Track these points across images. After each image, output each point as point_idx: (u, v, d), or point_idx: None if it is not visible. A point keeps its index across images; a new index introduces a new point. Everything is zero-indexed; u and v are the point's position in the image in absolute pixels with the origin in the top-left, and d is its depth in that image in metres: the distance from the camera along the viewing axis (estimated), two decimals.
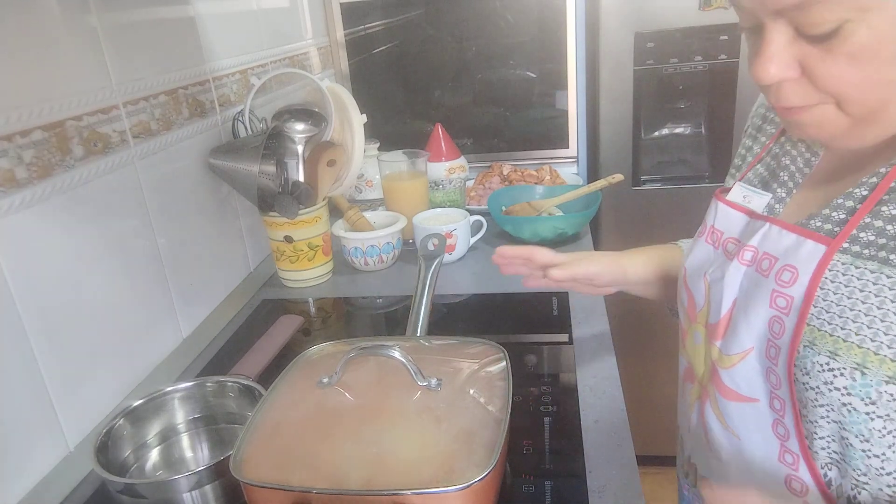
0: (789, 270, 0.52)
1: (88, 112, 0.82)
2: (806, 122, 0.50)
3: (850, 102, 0.47)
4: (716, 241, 0.63)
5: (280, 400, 0.68)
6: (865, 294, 0.48)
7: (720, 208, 0.63)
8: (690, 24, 1.49)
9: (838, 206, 0.53)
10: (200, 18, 1.09)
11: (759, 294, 0.54)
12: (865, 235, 0.49)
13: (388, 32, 1.68)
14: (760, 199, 0.61)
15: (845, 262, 0.50)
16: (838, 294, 0.50)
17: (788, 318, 0.52)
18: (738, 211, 0.61)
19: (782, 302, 0.52)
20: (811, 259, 0.51)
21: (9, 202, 0.70)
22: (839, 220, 0.52)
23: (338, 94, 1.25)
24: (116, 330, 0.87)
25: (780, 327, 0.53)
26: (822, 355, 0.50)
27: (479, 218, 1.28)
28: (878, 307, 0.48)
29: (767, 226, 0.56)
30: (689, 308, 0.65)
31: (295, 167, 1.13)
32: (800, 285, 0.51)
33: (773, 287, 0.53)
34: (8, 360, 0.70)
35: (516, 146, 1.73)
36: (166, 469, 0.75)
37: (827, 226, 0.53)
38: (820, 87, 0.47)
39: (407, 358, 0.66)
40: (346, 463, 0.58)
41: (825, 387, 0.50)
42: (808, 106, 0.49)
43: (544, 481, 0.67)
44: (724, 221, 0.63)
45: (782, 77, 0.48)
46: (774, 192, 0.62)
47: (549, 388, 0.82)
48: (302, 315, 1.07)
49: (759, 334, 0.55)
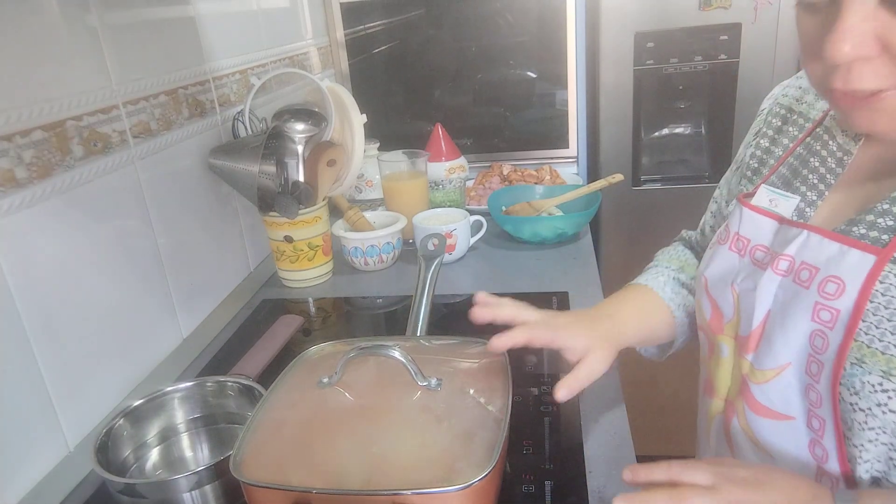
0: (834, 282, 0.49)
1: (88, 112, 0.82)
2: (878, 109, 0.45)
3: None
4: (742, 249, 0.59)
5: (280, 400, 0.68)
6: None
7: (745, 214, 0.59)
8: (690, 24, 1.49)
9: (884, 211, 0.49)
10: (200, 18, 1.09)
11: (800, 306, 0.51)
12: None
13: (388, 32, 1.68)
14: (788, 202, 0.57)
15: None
16: (890, 308, 0.46)
17: (833, 333, 0.48)
18: (766, 217, 0.58)
19: (826, 315, 0.49)
20: (859, 270, 0.47)
21: (9, 202, 0.70)
22: (887, 226, 0.48)
23: (338, 94, 1.25)
24: (116, 330, 0.87)
25: (824, 342, 0.49)
26: (875, 374, 0.46)
27: (479, 218, 1.28)
28: None
29: (805, 234, 0.52)
30: (712, 319, 0.62)
31: (295, 167, 1.13)
32: (847, 298, 0.48)
33: (817, 299, 0.50)
34: (8, 360, 0.70)
35: (516, 146, 1.73)
36: (166, 469, 0.75)
37: (873, 233, 0.49)
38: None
39: (407, 358, 0.66)
40: (345, 463, 0.58)
41: (878, 409, 0.46)
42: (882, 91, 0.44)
43: (544, 481, 0.67)
44: (751, 228, 0.59)
45: (858, 55, 0.43)
46: (803, 194, 0.58)
47: (549, 388, 0.82)
48: (302, 315, 1.07)
49: (798, 349, 0.51)
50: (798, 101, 0.66)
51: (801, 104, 0.66)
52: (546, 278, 1.14)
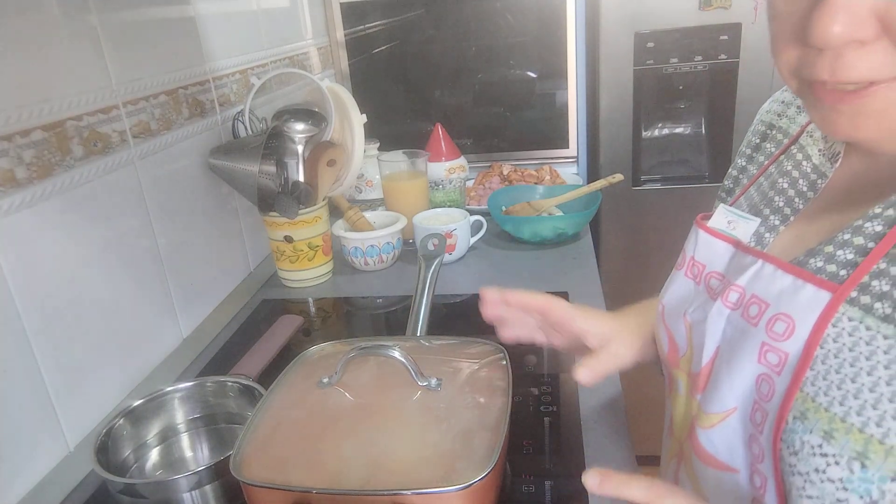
0: (783, 320, 0.42)
1: (88, 112, 0.82)
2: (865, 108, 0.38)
3: None
4: (697, 276, 0.53)
5: (280, 400, 0.68)
6: (873, 364, 0.38)
7: (701, 237, 0.53)
8: (690, 24, 1.49)
9: (845, 242, 0.42)
10: (200, 18, 1.09)
11: (746, 345, 0.45)
12: (879, 285, 0.39)
13: (388, 32, 1.68)
14: (747, 225, 0.51)
15: (853, 319, 0.39)
16: (840, 358, 0.40)
17: (780, 379, 0.42)
18: (721, 240, 0.52)
19: (774, 358, 0.43)
20: (811, 308, 0.41)
21: (9, 202, 0.70)
22: (846, 261, 0.42)
23: (338, 94, 1.25)
24: (116, 330, 0.87)
25: (770, 388, 0.43)
26: (815, 434, 0.40)
27: (479, 218, 1.28)
28: (888, 383, 0.37)
29: (759, 263, 0.46)
30: (669, 351, 0.56)
31: (295, 167, 1.13)
32: (796, 340, 0.41)
33: (764, 339, 0.43)
34: (8, 359, 0.70)
35: (516, 146, 1.73)
36: (166, 469, 0.75)
37: (831, 267, 0.42)
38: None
39: (407, 358, 0.66)
40: (345, 463, 0.58)
41: (816, 475, 0.40)
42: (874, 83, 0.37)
43: (544, 481, 0.67)
44: (706, 252, 0.53)
45: (851, 36, 0.35)
46: (766, 218, 0.52)
47: (549, 388, 0.82)
48: (302, 315, 1.07)
49: (743, 393, 0.45)
50: (780, 115, 0.61)
51: (781, 119, 0.60)
52: (546, 278, 1.14)
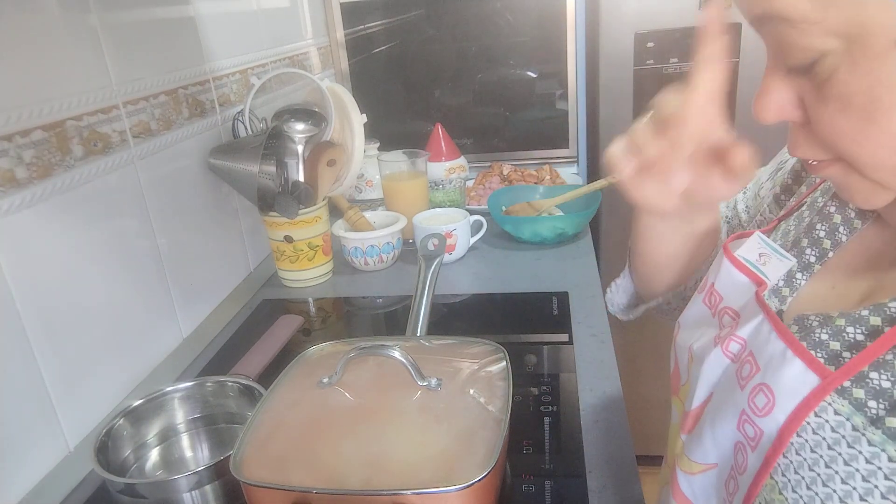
0: (765, 394, 0.38)
1: (88, 112, 0.82)
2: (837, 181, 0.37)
3: (859, 163, 0.34)
4: (713, 307, 0.48)
5: (280, 400, 0.68)
6: (851, 471, 0.34)
7: (724, 266, 0.47)
8: (690, 24, 1.49)
9: (860, 319, 0.36)
10: (200, 18, 1.09)
11: (730, 407, 0.41)
12: (878, 378, 0.34)
13: (388, 32, 1.68)
14: (780, 264, 0.44)
15: (840, 413, 0.35)
16: (817, 453, 0.35)
17: (753, 456, 0.38)
18: (745, 275, 0.45)
19: (751, 431, 0.38)
20: (795, 390, 0.36)
21: (9, 202, 0.70)
22: (854, 342, 0.36)
23: (338, 94, 1.25)
24: (116, 330, 0.87)
25: (744, 461, 0.39)
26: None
27: (479, 218, 1.28)
28: (862, 497, 0.33)
29: (760, 318, 0.41)
30: (673, 375, 0.52)
31: (295, 167, 1.13)
32: (773, 421, 0.37)
33: (744, 407, 0.39)
34: (8, 360, 0.70)
35: (516, 146, 1.73)
36: (166, 469, 0.75)
37: (834, 344, 0.37)
38: (819, 137, 0.35)
39: (407, 358, 0.66)
40: (345, 463, 0.58)
41: None
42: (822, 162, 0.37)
43: (544, 481, 0.67)
44: (727, 284, 0.47)
45: (780, 117, 0.36)
46: (802, 251, 0.45)
47: (549, 388, 0.82)
48: (302, 315, 1.07)
49: (723, 453, 0.42)
50: None
51: None
52: (546, 278, 1.14)
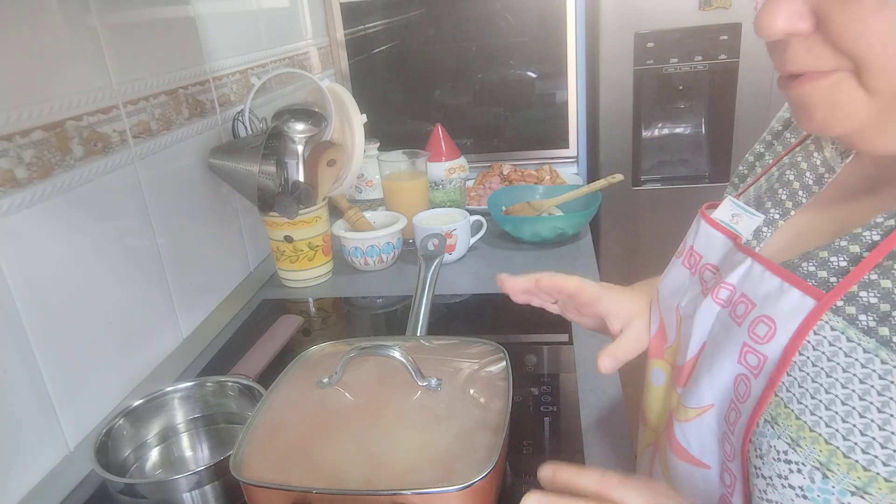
0: (766, 323, 0.42)
1: (88, 112, 0.82)
2: (815, 98, 0.39)
3: (874, 70, 0.35)
4: (693, 266, 0.53)
5: (280, 400, 0.68)
6: (849, 376, 0.38)
7: (702, 227, 0.53)
8: (690, 24, 1.49)
9: (841, 249, 0.41)
10: (200, 18, 1.09)
11: (729, 344, 0.45)
12: (867, 296, 0.38)
13: (388, 32, 1.68)
14: (751, 220, 0.50)
15: (836, 328, 0.39)
16: (818, 366, 0.39)
17: (756, 382, 0.42)
18: (721, 233, 0.51)
19: (753, 360, 0.43)
20: (795, 314, 0.41)
21: (9, 202, 0.70)
22: (838, 268, 0.41)
23: (338, 94, 1.25)
24: (116, 330, 0.87)
25: (746, 389, 0.43)
26: (782, 440, 0.40)
27: (479, 218, 1.28)
28: (861, 397, 0.37)
29: (749, 262, 0.46)
30: (655, 339, 0.56)
31: (295, 167, 1.13)
32: (776, 344, 0.41)
33: (745, 340, 0.43)
34: (8, 360, 0.70)
35: (516, 146, 1.73)
36: (166, 469, 0.75)
37: (822, 273, 0.41)
38: (836, 42, 0.36)
39: (407, 358, 0.66)
40: (345, 463, 0.58)
41: (778, 480, 0.40)
42: (818, 74, 0.38)
43: None
44: (705, 243, 0.52)
45: (791, 29, 0.37)
46: (767, 211, 0.51)
47: (549, 388, 0.82)
48: (302, 315, 1.07)
49: (721, 391, 0.46)
50: None
51: None
52: None
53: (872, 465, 0.36)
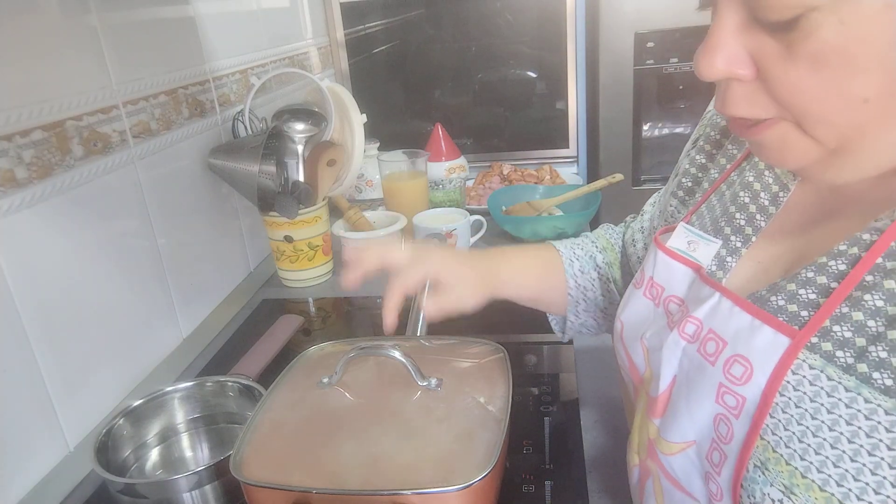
0: (741, 364, 0.40)
1: (88, 112, 0.82)
2: (765, 142, 0.39)
3: (813, 122, 0.36)
4: (656, 297, 0.51)
5: (280, 400, 0.68)
6: (835, 418, 0.36)
7: (659, 258, 0.51)
8: (690, 24, 1.49)
9: (808, 281, 0.40)
10: (200, 18, 1.09)
11: (704, 383, 0.43)
12: (840, 331, 0.37)
13: (388, 32, 1.68)
14: (708, 247, 0.49)
15: (814, 367, 0.37)
16: (801, 408, 0.37)
17: (738, 423, 0.40)
18: (681, 264, 0.49)
19: (731, 401, 0.41)
20: (770, 354, 0.39)
21: (9, 202, 0.70)
22: (808, 301, 0.39)
23: (338, 94, 1.25)
24: (116, 330, 0.87)
25: (728, 430, 0.41)
26: (776, 488, 0.38)
27: (479, 218, 1.28)
28: (850, 440, 0.35)
29: (717, 297, 0.44)
30: (630, 370, 0.55)
31: (295, 167, 1.13)
32: (754, 386, 0.39)
33: (721, 380, 0.41)
34: (8, 360, 0.70)
35: (516, 146, 1.73)
36: (166, 469, 0.75)
37: (792, 307, 0.40)
38: (774, 95, 0.36)
39: (407, 358, 0.66)
40: (345, 463, 0.58)
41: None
42: (763, 124, 0.38)
43: (544, 481, 0.67)
44: (665, 275, 0.50)
45: (729, 72, 0.36)
46: (727, 238, 0.49)
47: (549, 388, 0.82)
48: (302, 315, 1.07)
49: (702, 429, 0.44)
50: None
51: None
52: None
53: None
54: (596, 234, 0.79)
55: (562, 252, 0.75)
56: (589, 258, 0.75)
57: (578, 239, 0.78)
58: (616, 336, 0.57)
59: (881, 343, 0.36)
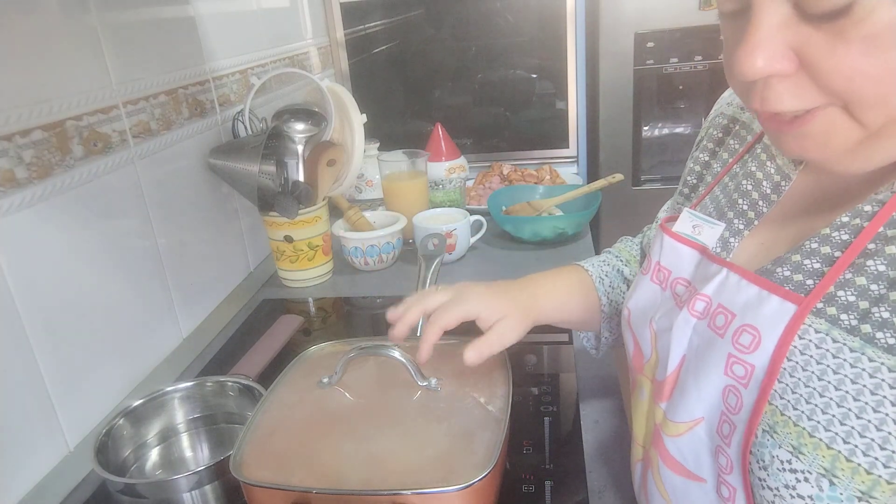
0: (749, 332, 0.42)
1: (88, 112, 0.82)
2: (811, 132, 0.38)
3: (866, 106, 0.35)
4: (663, 281, 0.53)
5: (280, 400, 0.68)
6: (840, 378, 0.38)
7: (666, 242, 0.53)
8: (690, 24, 1.49)
9: (812, 252, 0.42)
10: (200, 18, 1.09)
11: (713, 356, 0.45)
12: (845, 295, 0.39)
13: (388, 32, 1.68)
14: (712, 230, 0.51)
15: (820, 331, 0.39)
16: (808, 371, 0.39)
17: (747, 392, 0.42)
18: (687, 246, 0.51)
19: (740, 370, 0.42)
20: (777, 321, 0.41)
21: (9, 202, 0.70)
22: (812, 270, 0.41)
23: (338, 94, 1.25)
24: (116, 330, 0.87)
25: (737, 400, 0.43)
26: (784, 449, 0.40)
27: (479, 218, 1.28)
28: (855, 398, 0.37)
29: (724, 272, 0.46)
30: (634, 356, 0.56)
31: (295, 167, 1.13)
32: (762, 352, 0.41)
33: (730, 350, 0.43)
34: (8, 360, 0.70)
35: (516, 146, 1.73)
36: (166, 469, 0.75)
37: (797, 277, 0.42)
38: (825, 84, 0.35)
39: (407, 358, 0.66)
40: (345, 463, 0.58)
41: (786, 491, 0.40)
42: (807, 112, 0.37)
43: (544, 481, 0.67)
44: (672, 258, 0.52)
45: (773, 70, 0.36)
46: (730, 222, 0.51)
47: (549, 388, 0.82)
48: (302, 315, 1.07)
49: (710, 404, 0.45)
50: (743, 109, 0.59)
51: (745, 113, 0.58)
52: None
53: (874, 467, 0.36)
54: (617, 248, 0.80)
55: (590, 271, 0.75)
56: (616, 273, 0.76)
57: (602, 256, 0.79)
58: (624, 323, 0.58)
59: (884, 304, 0.37)
